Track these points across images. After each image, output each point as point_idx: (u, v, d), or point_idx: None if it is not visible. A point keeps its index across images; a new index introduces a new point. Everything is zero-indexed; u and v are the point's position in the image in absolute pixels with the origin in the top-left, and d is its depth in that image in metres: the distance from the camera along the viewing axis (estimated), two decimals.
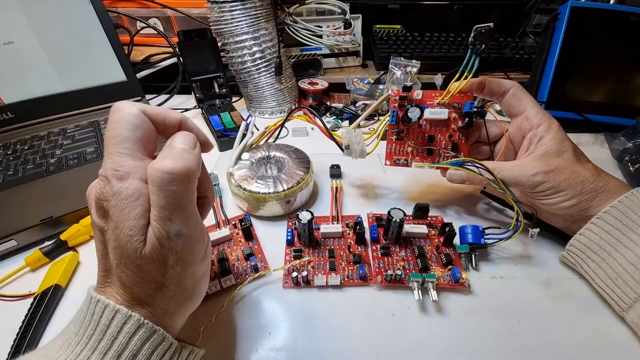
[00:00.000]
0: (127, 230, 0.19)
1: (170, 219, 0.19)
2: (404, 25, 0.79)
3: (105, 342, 0.19)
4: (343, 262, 0.34)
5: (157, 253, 0.19)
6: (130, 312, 0.19)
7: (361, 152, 0.39)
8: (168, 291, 0.21)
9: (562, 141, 0.33)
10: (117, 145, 0.19)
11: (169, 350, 0.21)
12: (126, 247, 0.19)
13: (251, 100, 0.62)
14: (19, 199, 0.39)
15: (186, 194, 0.20)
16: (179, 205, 0.19)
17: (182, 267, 0.20)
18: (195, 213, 0.21)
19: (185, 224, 0.20)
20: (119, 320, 0.19)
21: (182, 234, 0.20)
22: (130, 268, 0.19)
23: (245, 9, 0.52)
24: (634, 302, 0.28)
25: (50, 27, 0.51)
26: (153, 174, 0.19)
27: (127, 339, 0.19)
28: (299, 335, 0.29)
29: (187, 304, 0.23)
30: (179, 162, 0.19)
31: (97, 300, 0.19)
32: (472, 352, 0.28)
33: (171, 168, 0.19)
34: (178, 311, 0.22)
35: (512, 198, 0.32)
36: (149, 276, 0.20)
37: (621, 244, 0.29)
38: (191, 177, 0.20)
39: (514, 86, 0.36)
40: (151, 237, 0.19)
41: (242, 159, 0.41)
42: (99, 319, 0.19)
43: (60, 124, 0.52)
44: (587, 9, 0.54)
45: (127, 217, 0.19)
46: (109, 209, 0.19)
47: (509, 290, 0.33)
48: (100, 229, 0.20)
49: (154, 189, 0.19)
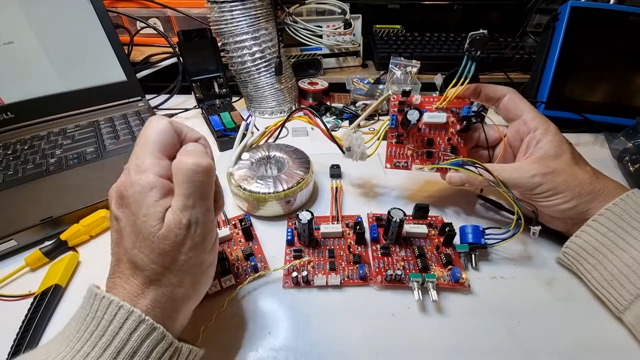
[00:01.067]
0: (143, 215, 0.21)
1: (194, 207, 0.21)
2: (404, 25, 0.79)
3: (106, 338, 0.19)
4: (343, 262, 0.34)
5: (174, 237, 0.21)
6: (133, 308, 0.20)
7: (362, 154, 0.39)
8: (176, 277, 0.22)
9: (560, 144, 0.33)
10: (142, 146, 0.22)
11: (169, 349, 0.21)
12: (142, 229, 0.21)
13: (251, 100, 0.62)
14: (19, 199, 0.39)
15: (209, 186, 0.23)
16: (202, 195, 0.22)
17: (195, 253, 0.22)
18: (212, 206, 0.24)
19: (204, 214, 0.22)
20: (122, 316, 0.20)
21: (201, 221, 0.22)
22: (144, 249, 0.21)
23: (245, 9, 0.52)
24: (630, 304, 0.28)
25: (50, 27, 0.51)
26: (184, 166, 0.21)
27: (128, 334, 0.19)
28: (299, 335, 0.29)
29: (192, 292, 0.24)
30: (205, 158, 0.22)
31: (102, 297, 0.20)
32: (472, 352, 0.28)
33: (199, 162, 0.21)
34: (182, 302, 0.23)
35: (512, 198, 0.32)
36: (162, 257, 0.21)
37: (617, 246, 0.29)
38: (213, 172, 0.23)
39: (510, 91, 0.36)
40: (170, 223, 0.21)
41: (242, 159, 0.41)
42: (102, 315, 0.20)
43: (60, 124, 0.52)
44: (587, 9, 0.53)
45: (142, 204, 0.21)
46: (127, 197, 0.21)
47: (509, 290, 0.33)
48: (117, 217, 0.22)
49: (183, 179, 0.21)
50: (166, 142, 0.23)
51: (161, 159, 0.22)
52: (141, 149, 0.22)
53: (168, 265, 0.21)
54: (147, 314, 0.20)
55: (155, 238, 0.21)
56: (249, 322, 0.30)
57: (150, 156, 0.22)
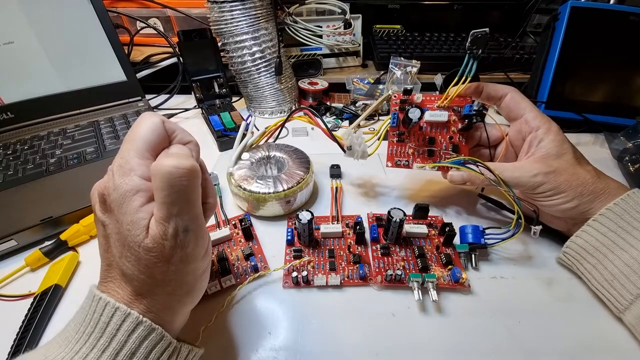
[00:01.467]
0: (126, 223, 0.19)
1: (179, 214, 0.19)
2: (404, 25, 0.79)
3: (105, 339, 0.19)
4: (343, 262, 0.34)
5: (160, 249, 0.19)
6: (130, 310, 0.19)
7: (363, 153, 0.39)
8: (168, 286, 0.21)
9: (562, 143, 0.33)
10: (128, 144, 0.21)
11: (168, 349, 0.21)
12: (127, 239, 0.19)
13: (251, 100, 0.62)
14: (19, 199, 0.39)
15: (193, 190, 0.20)
16: (187, 201, 0.20)
17: (185, 263, 0.21)
18: (201, 210, 0.22)
19: (193, 221, 0.20)
20: (119, 318, 0.19)
21: (189, 229, 0.20)
22: (131, 260, 0.20)
23: (245, 9, 0.52)
24: (630, 304, 0.28)
25: (50, 27, 0.51)
26: (162, 169, 0.18)
27: (126, 336, 0.19)
28: (299, 335, 0.29)
29: (187, 299, 0.23)
30: (187, 160, 0.19)
31: (99, 298, 0.20)
32: (472, 352, 0.28)
33: (179, 163, 0.19)
34: (178, 306, 0.22)
35: (512, 197, 0.32)
36: (150, 269, 0.20)
37: (617, 246, 0.29)
38: (197, 174, 0.20)
39: (511, 91, 0.36)
40: (154, 235, 0.19)
41: (242, 159, 0.41)
42: (99, 317, 0.19)
43: (60, 124, 0.52)
44: (587, 9, 0.53)
45: (126, 211, 0.19)
46: (110, 202, 0.20)
47: (509, 290, 0.33)
48: (103, 222, 0.21)
49: (163, 185, 0.19)
50: (155, 142, 0.21)
51: (148, 159, 0.21)
52: (127, 148, 0.20)
53: (158, 277, 0.20)
54: (144, 316, 0.20)
55: (140, 249, 0.19)
56: (249, 322, 0.30)
57: (135, 155, 0.20)
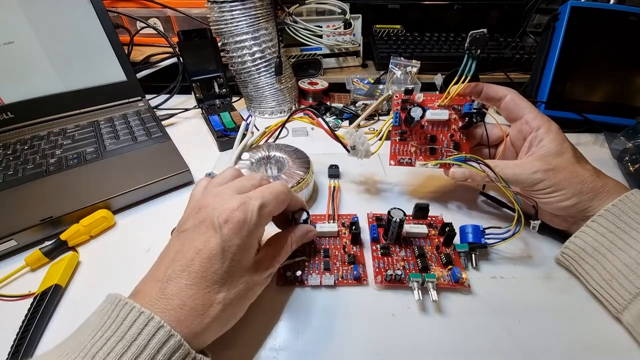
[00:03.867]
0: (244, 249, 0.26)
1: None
2: (404, 25, 0.79)
3: (124, 344, 0.19)
4: (338, 262, 0.34)
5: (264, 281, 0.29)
6: (152, 314, 0.20)
7: (366, 152, 0.39)
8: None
9: (562, 142, 0.34)
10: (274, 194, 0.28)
11: (187, 358, 0.21)
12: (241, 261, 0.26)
13: (251, 100, 0.62)
14: (19, 199, 0.39)
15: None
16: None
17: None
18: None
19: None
20: (142, 322, 0.20)
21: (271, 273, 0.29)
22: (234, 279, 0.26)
23: (245, 9, 0.52)
24: (628, 304, 0.28)
25: (51, 27, 0.51)
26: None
27: (147, 341, 0.20)
28: (299, 335, 0.29)
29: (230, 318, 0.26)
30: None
31: (125, 303, 0.21)
32: (472, 352, 0.28)
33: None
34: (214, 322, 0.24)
35: (511, 194, 0.32)
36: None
37: (615, 246, 0.30)
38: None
39: (511, 92, 0.37)
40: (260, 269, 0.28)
41: (242, 159, 0.41)
42: (121, 321, 0.20)
43: (60, 124, 0.52)
44: (587, 9, 0.53)
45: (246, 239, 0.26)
46: (230, 221, 0.25)
47: (509, 290, 0.33)
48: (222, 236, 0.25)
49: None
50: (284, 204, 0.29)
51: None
52: (271, 196, 0.27)
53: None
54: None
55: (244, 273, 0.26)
56: (248, 322, 0.30)
57: (274, 208, 0.27)
